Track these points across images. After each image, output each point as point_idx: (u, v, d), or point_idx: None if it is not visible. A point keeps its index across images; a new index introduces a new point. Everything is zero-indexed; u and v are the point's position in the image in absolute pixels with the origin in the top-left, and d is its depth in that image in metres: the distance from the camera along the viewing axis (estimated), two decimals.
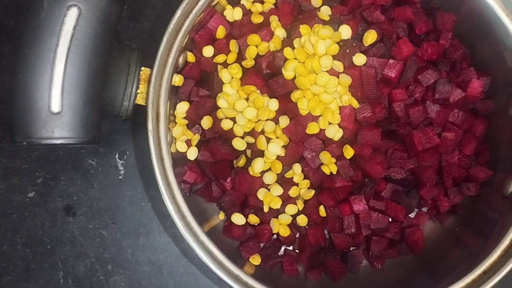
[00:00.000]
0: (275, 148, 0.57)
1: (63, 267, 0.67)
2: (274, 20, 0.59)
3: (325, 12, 0.59)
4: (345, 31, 0.57)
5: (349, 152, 0.58)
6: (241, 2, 0.61)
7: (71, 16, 0.45)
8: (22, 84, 0.45)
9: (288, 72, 0.56)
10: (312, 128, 0.57)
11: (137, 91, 0.52)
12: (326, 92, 0.56)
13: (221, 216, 0.64)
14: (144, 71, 0.53)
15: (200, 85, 0.61)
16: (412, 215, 0.65)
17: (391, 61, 0.57)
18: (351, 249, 0.64)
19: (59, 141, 0.45)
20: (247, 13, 0.61)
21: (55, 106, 0.45)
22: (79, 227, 0.68)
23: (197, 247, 0.53)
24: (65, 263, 0.67)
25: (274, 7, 0.61)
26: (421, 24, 0.60)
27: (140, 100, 0.53)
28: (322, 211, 0.61)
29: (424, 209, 0.65)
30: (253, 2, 0.61)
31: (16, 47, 0.68)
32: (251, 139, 0.58)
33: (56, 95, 0.44)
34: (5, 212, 0.68)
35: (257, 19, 0.60)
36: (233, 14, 0.60)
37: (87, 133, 0.46)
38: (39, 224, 0.68)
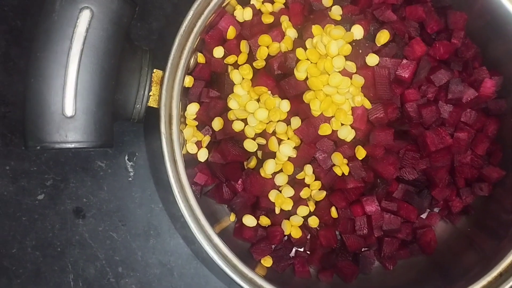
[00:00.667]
0: (286, 150, 0.57)
1: (73, 269, 0.67)
2: (285, 20, 0.59)
3: (336, 11, 0.58)
4: (358, 31, 0.56)
5: (361, 153, 0.58)
6: (251, 2, 0.61)
7: (84, 18, 0.44)
8: (34, 88, 0.44)
9: (300, 73, 0.56)
10: (325, 129, 0.56)
11: (149, 94, 0.52)
12: (339, 93, 0.56)
13: (232, 217, 0.64)
14: (156, 73, 0.53)
15: (210, 86, 0.61)
16: (423, 216, 0.65)
17: (404, 61, 0.56)
18: (362, 250, 0.63)
19: (73, 145, 0.44)
20: (257, 13, 0.61)
21: (69, 110, 0.44)
22: (89, 229, 0.67)
23: (210, 249, 0.53)
24: (75, 266, 0.67)
25: (284, 7, 0.61)
26: (432, 23, 0.60)
27: (152, 103, 0.53)
28: (333, 212, 0.61)
29: (436, 210, 0.65)
30: (263, 2, 0.61)
31: (23, 48, 0.69)
32: (262, 141, 0.58)
33: (70, 98, 0.44)
34: (14, 215, 0.67)
35: (267, 19, 0.60)
36: (244, 14, 0.60)
37: (101, 137, 0.46)
38: (49, 227, 0.67)
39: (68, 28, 0.44)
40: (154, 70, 0.53)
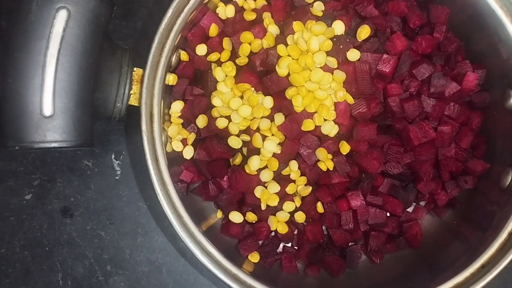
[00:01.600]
0: (271, 146, 0.57)
1: (62, 268, 0.67)
2: (267, 17, 0.59)
3: (318, 7, 0.58)
4: (339, 27, 0.56)
5: (345, 148, 0.58)
6: (233, 0, 0.61)
7: (60, 18, 0.44)
8: (12, 88, 0.44)
9: (282, 69, 0.56)
10: (308, 125, 0.56)
11: (130, 92, 0.52)
12: (321, 89, 0.56)
13: (219, 214, 0.64)
14: (137, 71, 0.53)
15: (194, 83, 0.61)
16: (410, 210, 0.65)
17: (385, 56, 0.56)
18: (349, 244, 0.64)
19: (52, 145, 0.45)
20: (239, 10, 0.61)
21: (47, 110, 0.44)
22: (76, 229, 0.68)
23: (194, 246, 0.53)
24: (63, 265, 0.67)
25: (266, 3, 0.61)
26: (414, 17, 0.60)
27: (133, 101, 0.53)
28: (319, 208, 0.61)
29: (422, 203, 0.65)
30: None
31: (7, 47, 0.69)
32: (246, 137, 0.58)
33: (48, 98, 0.44)
34: (2, 215, 0.68)
35: (249, 16, 0.60)
36: (226, 11, 0.60)
37: (80, 136, 0.46)
38: (37, 227, 0.68)
39: (45, 28, 0.44)
40: (135, 69, 0.53)
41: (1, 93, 0.45)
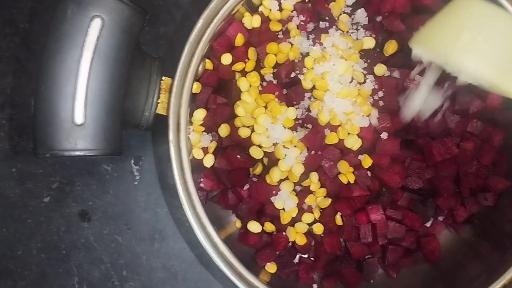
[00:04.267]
0: (292, 158, 0.57)
1: (78, 272, 0.67)
2: (293, 28, 0.59)
3: (344, 20, 0.59)
4: (368, 42, 0.56)
5: (367, 161, 0.58)
6: (260, 10, 0.61)
7: (95, 27, 0.44)
8: (45, 96, 0.44)
9: (307, 82, 0.56)
10: (331, 138, 0.56)
11: (158, 101, 0.52)
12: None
13: (238, 224, 0.64)
14: (165, 80, 0.53)
15: (218, 92, 0.61)
16: (428, 224, 0.65)
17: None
18: (366, 257, 0.64)
19: (82, 153, 0.45)
20: (265, 20, 0.61)
21: (79, 118, 0.44)
22: (94, 233, 0.68)
23: (215, 254, 0.53)
24: (80, 269, 0.67)
25: (292, 14, 0.61)
26: None
27: (160, 110, 0.53)
28: (338, 220, 0.61)
29: (440, 218, 0.65)
30: (271, 10, 0.61)
31: (31, 51, 0.69)
32: (268, 148, 0.58)
33: (80, 106, 0.44)
34: (20, 217, 0.67)
35: (275, 27, 0.60)
36: (252, 21, 0.60)
37: (110, 145, 0.46)
38: (54, 229, 0.68)
39: (79, 36, 0.44)
40: (163, 78, 0.53)
41: (33, 100, 0.45)
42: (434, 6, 0.59)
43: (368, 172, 0.58)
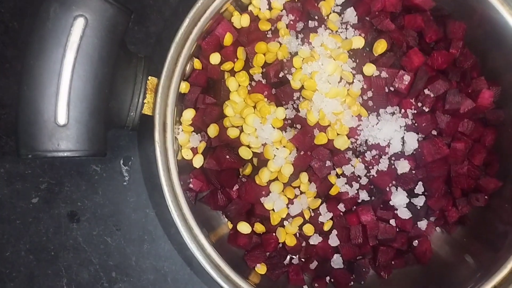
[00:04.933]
0: (282, 159, 0.56)
1: (66, 274, 0.67)
2: (282, 27, 0.58)
3: (334, 19, 0.58)
4: (357, 42, 0.56)
5: (357, 162, 0.57)
6: (249, 9, 0.60)
7: (78, 26, 0.44)
8: (27, 96, 0.44)
9: (295, 82, 0.55)
10: (321, 139, 0.56)
11: (144, 101, 0.52)
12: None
13: (229, 225, 0.63)
14: (151, 80, 0.52)
15: (207, 92, 0.61)
16: (419, 225, 0.64)
17: (401, 72, 0.56)
18: (357, 258, 0.63)
19: (65, 154, 0.44)
20: (254, 19, 0.60)
21: (61, 118, 0.44)
22: (83, 234, 0.67)
23: (202, 258, 0.53)
24: (68, 270, 0.67)
25: (282, 13, 0.60)
26: (431, 32, 0.59)
27: (146, 110, 0.52)
28: (326, 226, 0.60)
29: (432, 219, 0.64)
30: (260, 9, 0.60)
31: (20, 50, 0.69)
32: (257, 148, 0.57)
33: (62, 107, 0.44)
34: (8, 218, 0.67)
35: (264, 26, 0.59)
36: (241, 20, 0.60)
37: (93, 145, 0.46)
38: (43, 231, 0.67)
39: (62, 36, 0.43)
40: (149, 78, 0.52)
41: (16, 101, 0.44)
42: (424, 5, 0.59)
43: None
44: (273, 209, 0.59)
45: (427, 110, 0.58)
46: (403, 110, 0.58)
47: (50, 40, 0.43)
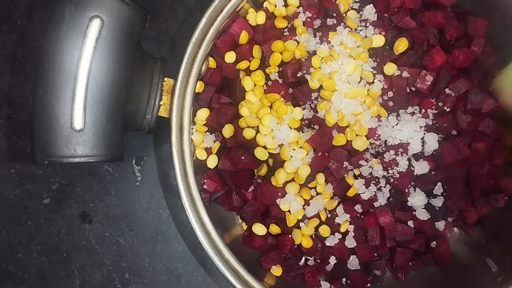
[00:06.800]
0: (298, 160, 0.55)
1: (79, 275, 0.66)
2: (299, 25, 0.57)
3: (352, 17, 0.57)
4: (377, 40, 0.54)
5: (375, 163, 0.56)
6: (264, 6, 0.59)
7: (94, 28, 0.42)
8: (42, 100, 0.43)
9: (314, 82, 0.54)
10: (339, 140, 0.55)
11: (160, 103, 0.50)
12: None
13: (244, 226, 0.62)
14: (167, 81, 0.51)
15: (221, 91, 0.59)
16: (437, 226, 0.63)
17: (423, 72, 0.55)
18: (374, 259, 0.62)
19: (82, 160, 0.43)
20: (270, 17, 0.59)
21: (78, 123, 0.43)
22: (95, 235, 0.66)
23: (217, 259, 0.52)
24: (81, 272, 0.66)
25: (298, 10, 0.59)
26: (452, 29, 0.58)
27: (163, 112, 0.51)
28: (343, 227, 0.59)
29: (450, 219, 0.63)
30: (276, 6, 0.59)
31: (30, 48, 0.67)
32: (274, 149, 0.56)
33: (79, 111, 0.42)
34: (20, 219, 0.66)
35: (281, 24, 0.58)
36: (256, 18, 0.58)
37: (110, 150, 0.45)
38: (55, 232, 0.66)
39: (78, 38, 0.42)
40: (165, 79, 0.51)
41: (31, 105, 0.43)
42: (444, 1, 0.57)
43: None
44: (289, 211, 0.58)
45: (448, 110, 0.56)
46: (423, 110, 0.56)
47: (65, 42, 0.42)
